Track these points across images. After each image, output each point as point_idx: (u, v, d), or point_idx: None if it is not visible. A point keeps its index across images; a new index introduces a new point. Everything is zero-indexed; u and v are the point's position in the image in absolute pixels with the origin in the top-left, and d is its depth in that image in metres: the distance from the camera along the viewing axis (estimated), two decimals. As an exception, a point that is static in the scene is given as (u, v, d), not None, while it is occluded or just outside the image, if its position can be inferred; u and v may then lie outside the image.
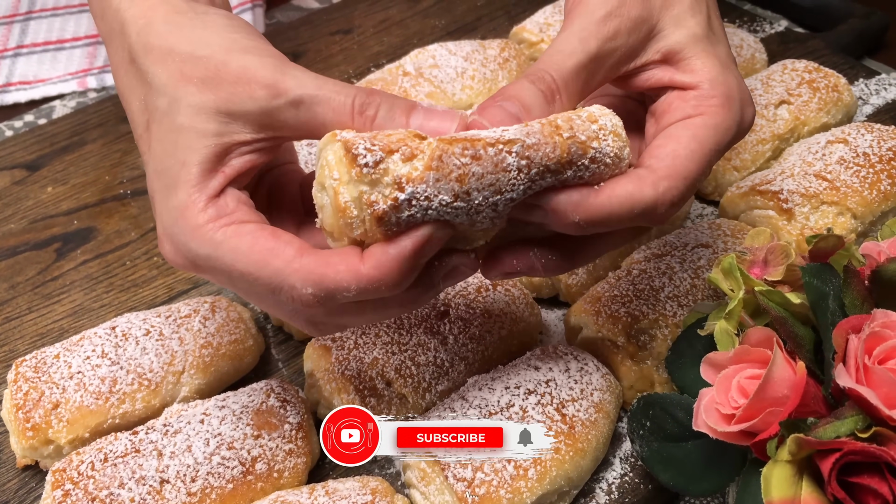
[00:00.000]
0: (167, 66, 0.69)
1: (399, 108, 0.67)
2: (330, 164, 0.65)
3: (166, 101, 0.69)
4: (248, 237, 0.66)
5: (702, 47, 0.75)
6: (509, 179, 0.64)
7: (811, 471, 0.67)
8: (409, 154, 0.63)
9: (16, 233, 1.16)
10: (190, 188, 0.68)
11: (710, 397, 0.72)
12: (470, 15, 1.50)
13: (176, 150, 0.69)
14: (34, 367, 0.91)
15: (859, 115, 1.26)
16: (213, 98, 0.67)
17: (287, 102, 0.67)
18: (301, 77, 0.67)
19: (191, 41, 0.70)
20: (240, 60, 0.68)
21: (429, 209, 0.64)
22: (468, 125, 0.67)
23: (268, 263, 0.65)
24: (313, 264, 0.65)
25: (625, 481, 0.89)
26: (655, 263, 0.98)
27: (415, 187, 0.63)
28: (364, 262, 0.64)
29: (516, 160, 0.64)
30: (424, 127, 0.66)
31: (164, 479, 0.82)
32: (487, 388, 0.87)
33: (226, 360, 0.94)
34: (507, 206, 0.66)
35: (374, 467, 0.91)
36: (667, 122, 0.74)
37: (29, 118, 1.34)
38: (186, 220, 0.68)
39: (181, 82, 0.68)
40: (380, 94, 0.67)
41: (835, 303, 0.72)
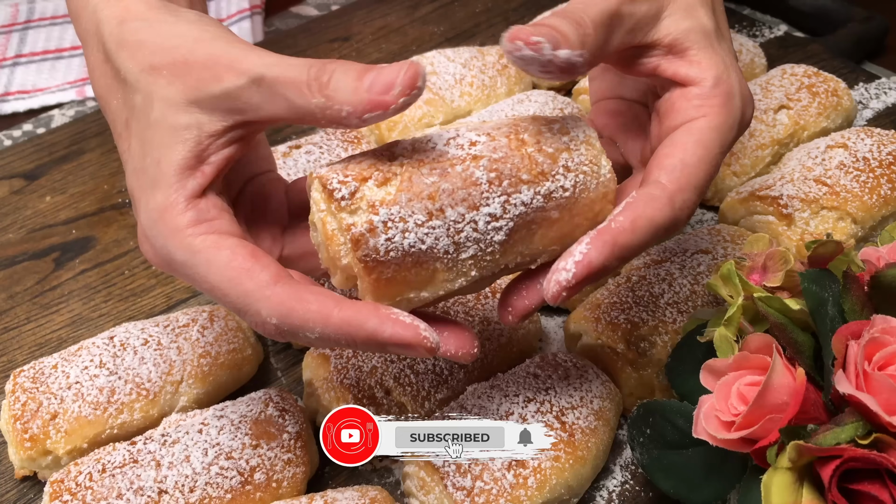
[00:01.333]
0: (138, 59, 0.69)
1: (352, 70, 0.65)
2: (316, 201, 0.67)
3: (140, 97, 0.69)
4: (227, 252, 0.66)
5: (708, 42, 0.75)
6: (482, 192, 0.66)
7: (811, 478, 0.66)
8: (381, 179, 0.65)
9: (14, 242, 1.16)
10: (168, 189, 0.68)
11: (710, 404, 0.72)
12: (468, 22, 1.50)
13: (152, 148, 0.69)
14: (32, 378, 0.90)
15: (859, 119, 1.26)
16: (182, 87, 0.67)
17: (249, 81, 0.66)
18: (263, 56, 0.67)
19: (161, 33, 0.70)
20: (207, 47, 0.68)
21: (406, 231, 0.64)
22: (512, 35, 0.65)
23: (240, 283, 0.65)
24: (284, 295, 0.65)
25: (625, 489, 0.88)
26: (655, 270, 0.97)
27: (389, 209, 0.64)
28: (340, 311, 0.64)
29: (485, 173, 0.66)
30: (375, 82, 0.64)
31: (163, 489, 0.81)
32: (486, 396, 0.87)
33: (224, 369, 0.94)
34: (488, 224, 0.66)
35: (374, 476, 0.90)
36: (671, 124, 0.74)
37: (27, 127, 1.34)
38: (165, 222, 0.67)
39: (152, 75, 0.68)
40: (334, 61, 0.66)
41: (834, 309, 0.72)
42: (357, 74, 0.65)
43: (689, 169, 0.70)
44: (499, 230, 0.67)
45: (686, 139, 0.72)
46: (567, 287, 0.67)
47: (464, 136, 0.69)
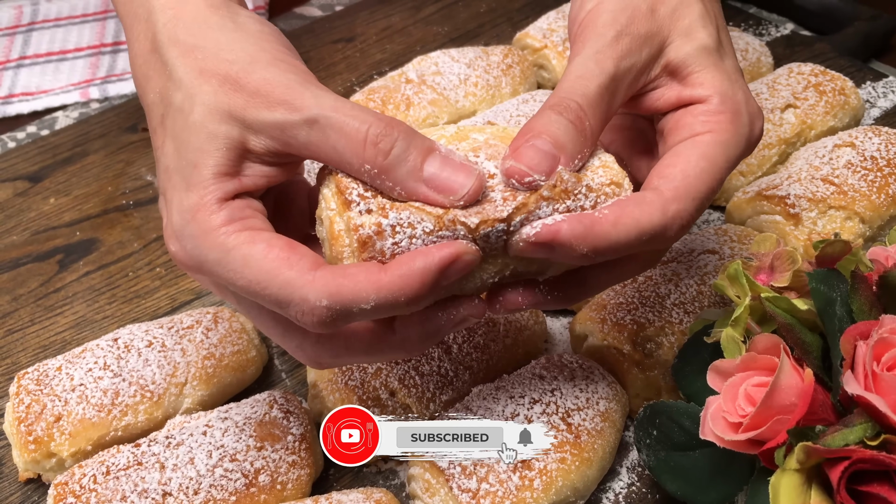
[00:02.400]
0: (189, 62, 0.68)
1: (416, 149, 0.64)
2: (327, 198, 0.67)
3: (181, 96, 0.68)
4: (262, 245, 0.64)
5: (711, 60, 0.74)
6: (496, 207, 0.64)
7: (820, 479, 0.66)
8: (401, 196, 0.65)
9: (18, 245, 1.16)
10: (202, 190, 0.66)
11: (717, 405, 0.71)
12: (472, 22, 1.50)
13: (188, 150, 0.67)
14: (36, 380, 0.90)
15: (867, 118, 1.26)
16: (229, 101, 0.66)
17: (302, 120, 0.65)
18: (320, 96, 0.65)
19: (218, 42, 0.69)
20: (262, 72, 0.67)
21: (413, 237, 0.63)
22: (506, 171, 0.66)
23: (280, 273, 0.63)
24: (330, 275, 0.63)
25: (632, 491, 0.88)
26: (661, 270, 0.97)
27: (399, 213, 0.63)
28: (387, 271, 0.62)
29: (499, 194, 0.65)
30: (437, 178, 0.64)
31: (167, 491, 0.81)
32: (492, 397, 0.87)
33: (228, 371, 0.94)
34: (499, 238, 0.65)
35: (379, 478, 0.90)
36: (676, 139, 0.73)
37: (31, 129, 1.34)
38: (198, 222, 0.66)
39: (200, 78, 0.67)
40: (399, 126, 0.65)
41: (842, 309, 0.71)
42: (420, 153, 0.64)
43: (689, 180, 0.69)
44: (519, 249, 0.66)
45: (690, 151, 0.71)
46: (526, 241, 0.65)
47: (484, 167, 0.67)
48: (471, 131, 0.70)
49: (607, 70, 0.70)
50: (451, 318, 0.68)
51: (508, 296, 0.71)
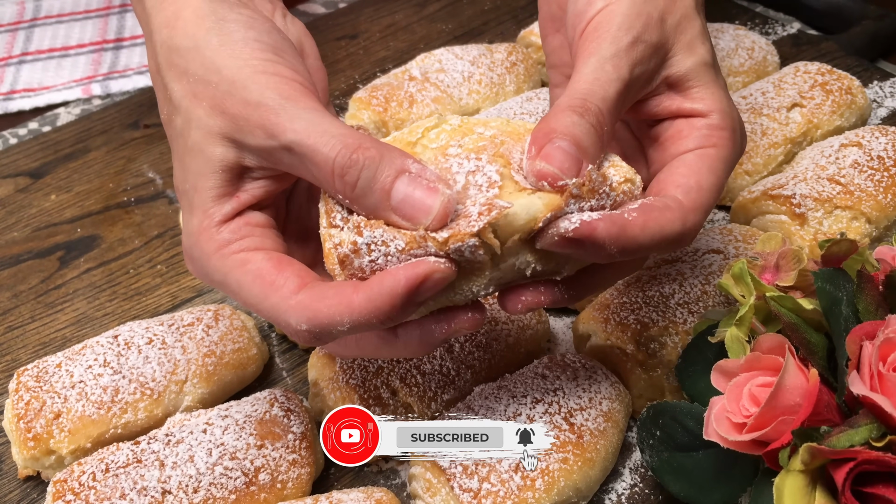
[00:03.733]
0: (183, 84, 0.70)
1: (382, 176, 0.64)
2: (321, 214, 0.68)
3: (181, 120, 0.70)
4: (254, 268, 0.67)
5: (711, 76, 0.76)
6: (469, 221, 0.63)
7: (824, 480, 0.66)
8: None
9: (19, 241, 1.16)
10: (202, 214, 0.69)
11: (721, 406, 0.71)
12: (477, 19, 1.50)
13: (189, 174, 0.70)
14: (36, 377, 0.90)
15: (873, 118, 1.25)
16: (220, 123, 0.68)
17: (279, 147, 0.66)
18: (295, 118, 0.66)
19: (204, 63, 0.69)
20: (242, 93, 0.67)
21: (388, 255, 0.63)
22: (537, 173, 0.65)
23: (267, 298, 0.66)
24: (308, 300, 0.65)
25: (634, 492, 0.87)
26: (665, 270, 0.96)
27: (372, 231, 0.63)
28: (358, 293, 0.63)
29: (476, 208, 0.64)
30: (404, 206, 0.63)
31: (166, 489, 0.81)
32: (494, 396, 0.86)
33: (229, 369, 0.93)
34: (474, 251, 0.64)
35: (380, 478, 0.90)
36: (679, 150, 0.74)
37: (33, 126, 1.34)
38: (201, 245, 0.69)
39: (193, 102, 0.69)
40: (366, 151, 0.64)
41: (848, 308, 0.71)
42: (388, 181, 0.64)
43: (703, 192, 0.71)
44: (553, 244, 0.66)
45: (700, 164, 0.72)
46: (563, 236, 0.64)
47: (484, 173, 0.66)
48: (475, 125, 0.69)
49: (624, 76, 0.71)
50: (444, 331, 0.68)
51: (528, 295, 0.70)
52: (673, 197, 0.70)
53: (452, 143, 0.67)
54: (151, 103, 1.34)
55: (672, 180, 0.72)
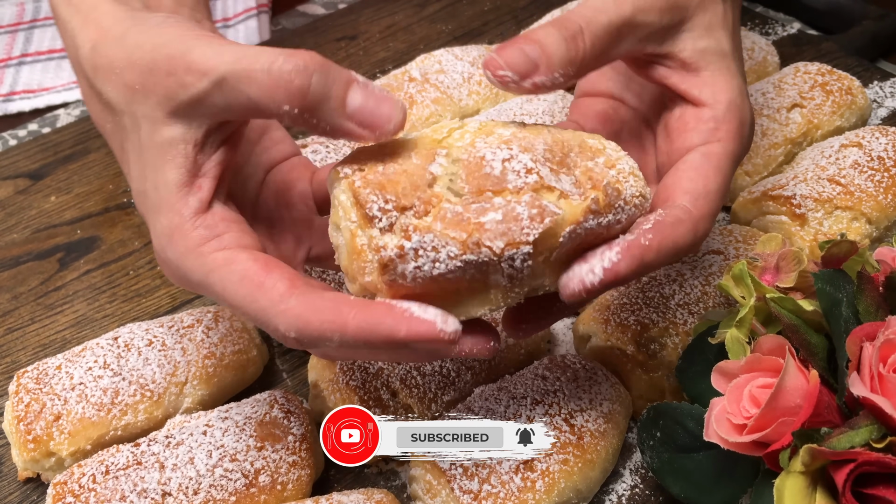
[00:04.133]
0: (114, 82, 0.68)
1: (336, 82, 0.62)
2: (345, 206, 0.64)
3: (127, 119, 0.68)
4: (240, 268, 0.65)
5: (725, 64, 0.75)
6: (522, 228, 0.62)
7: (825, 482, 0.66)
8: (422, 211, 0.62)
9: (19, 242, 1.15)
10: (169, 211, 0.66)
11: (721, 407, 0.71)
12: (477, 20, 1.49)
13: (147, 171, 0.67)
14: (36, 379, 0.90)
15: (874, 118, 1.25)
16: (156, 100, 0.65)
17: (210, 84, 0.63)
18: (221, 51, 0.63)
19: (126, 49, 0.67)
20: (167, 50, 0.64)
21: (436, 261, 0.62)
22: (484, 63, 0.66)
23: (255, 300, 0.64)
24: (300, 308, 0.63)
25: (635, 493, 0.87)
26: (665, 270, 0.96)
27: (422, 236, 0.61)
28: (355, 316, 0.62)
29: (526, 209, 0.63)
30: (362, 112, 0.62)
31: (166, 491, 0.81)
32: (494, 398, 0.86)
33: (229, 370, 0.93)
34: (524, 262, 0.63)
35: (380, 479, 0.90)
36: (684, 144, 0.73)
37: (33, 127, 1.33)
38: (176, 244, 0.66)
39: (129, 94, 0.67)
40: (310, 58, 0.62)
41: (848, 310, 0.71)
42: (342, 87, 0.62)
43: (711, 196, 0.71)
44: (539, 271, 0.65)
45: (706, 165, 0.72)
46: (588, 289, 0.65)
47: (519, 160, 0.64)
48: (495, 126, 0.68)
49: (623, 12, 0.70)
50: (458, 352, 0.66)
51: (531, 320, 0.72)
52: (683, 207, 0.69)
53: (478, 141, 0.65)
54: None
55: (680, 186, 0.71)
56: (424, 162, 0.64)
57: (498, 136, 0.66)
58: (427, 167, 0.63)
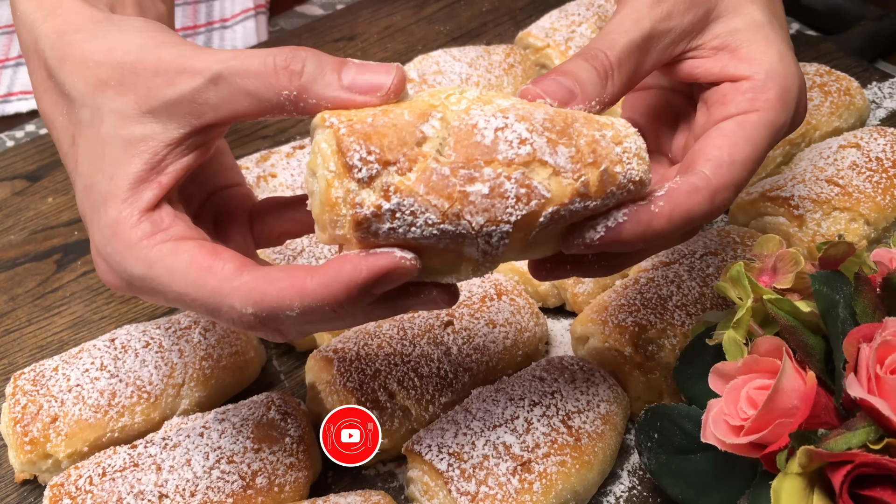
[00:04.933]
0: (83, 74, 0.67)
1: (329, 63, 0.62)
2: (324, 154, 0.61)
3: (88, 111, 0.67)
4: (186, 255, 0.64)
5: (762, 34, 0.74)
6: (505, 207, 0.61)
7: (822, 483, 0.66)
8: (406, 167, 0.60)
9: (16, 244, 1.15)
10: (120, 203, 0.65)
11: (719, 408, 0.71)
12: (475, 21, 1.49)
13: (104, 163, 0.66)
14: (32, 381, 0.90)
15: (872, 119, 1.25)
16: (134, 98, 0.65)
17: (205, 81, 0.63)
18: (216, 53, 0.64)
19: (105, 45, 0.67)
20: (155, 53, 0.65)
21: (412, 225, 0.60)
22: (521, 92, 0.66)
23: (205, 283, 0.63)
24: (254, 282, 0.62)
25: (633, 495, 0.87)
26: (663, 272, 0.96)
27: (401, 199, 0.59)
28: (313, 277, 0.61)
29: (514, 187, 0.61)
30: (358, 82, 0.62)
31: (163, 493, 0.81)
32: (492, 399, 0.86)
33: (226, 372, 0.93)
34: (501, 240, 0.62)
35: (378, 481, 0.90)
36: (720, 115, 0.72)
37: (30, 128, 1.33)
38: (119, 238, 0.65)
39: (99, 89, 0.66)
40: (304, 48, 0.63)
41: (845, 311, 0.71)
42: (333, 66, 0.62)
43: (736, 167, 0.69)
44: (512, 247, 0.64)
45: (737, 133, 0.70)
46: (588, 244, 0.64)
47: (513, 130, 0.62)
48: (494, 97, 0.65)
49: (643, 28, 0.71)
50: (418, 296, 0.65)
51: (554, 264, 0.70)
52: (701, 174, 0.68)
53: (474, 108, 0.63)
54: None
55: (703, 152, 0.69)
56: (417, 120, 0.61)
57: (496, 105, 0.64)
58: (419, 125, 0.61)
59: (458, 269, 0.65)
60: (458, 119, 0.62)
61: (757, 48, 0.73)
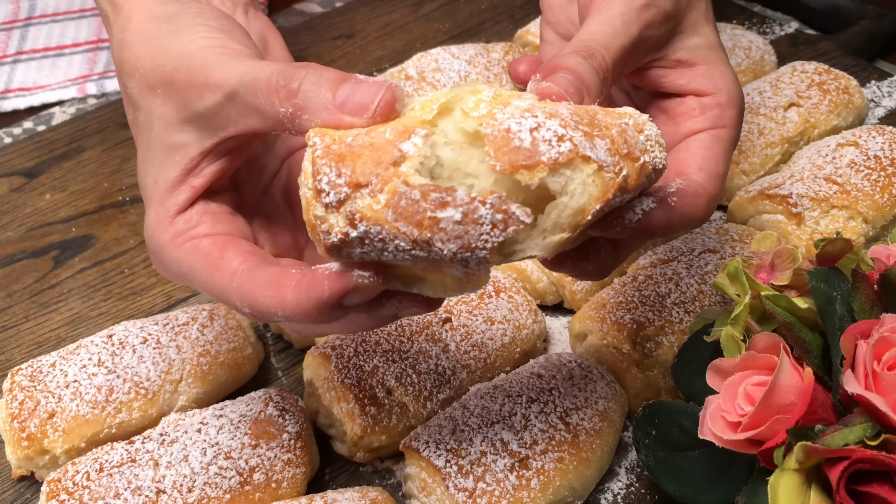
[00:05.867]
0: (137, 79, 0.70)
1: (327, 80, 0.62)
2: (306, 172, 0.60)
3: (142, 115, 0.70)
4: (201, 254, 0.67)
5: (718, 56, 0.77)
6: (479, 234, 0.57)
7: (819, 479, 0.66)
8: (378, 189, 0.57)
9: (13, 241, 1.15)
10: (157, 206, 0.69)
11: (716, 405, 0.71)
12: (474, 19, 1.49)
13: (150, 166, 0.70)
14: (30, 376, 0.89)
15: (871, 118, 1.24)
16: (174, 106, 0.67)
17: (224, 97, 0.65)
18: (236, 66, 0.65)
19: (152, 51, 0.69)
20: (189, 62, 0.67)
21: (384, 250, 0.58)
22: (541, 91, 0.64)
23: (214, 281, 0.66)
24: (247, 285, 0.64)
25: (630, 492, 0.87)
26: (661, 269, 0.96)
27: (368, 227, 0.57)
28: (291, 290, 0.62)
29: (490, 212, 0.56)
30: (349, 101, 0.61)
31: (161, 489, 0.80)
32: (489, 396, 0.86)
33: (224, 368, 0.93)
34: (480, 263, 0.58)
35: (375, 478, 0.89)
36: (691, 128, 0.75)
37: (28, 125, 1.33)
38: (156, 238, 0.69)
39: (149, 94, 0.69)
40: (308, 65, 0.63)
41: (843, 307, 0.71)
42: (330, 85, 0.62)
43: (721, 178, 0.73)
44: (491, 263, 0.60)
45: (717, 148, 0.74)
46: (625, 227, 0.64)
47: (547, 128, 0.58)
48: (511, 97, 0.62)
49: (632, 34, 0.71)
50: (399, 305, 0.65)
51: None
52: (700, 183, 0.71)
53: (496, 111, 0.59)
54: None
55: (694, 162, 0.73)
56: (397, 138, 0.58)
57: (516, 106, 0.60)
58: (398, 144, 0.58)
59: (445, 284, 0.63)
60: (487, 126, 0.59)
61: (717, 68, 0.76)
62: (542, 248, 0.61)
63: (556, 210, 0.59)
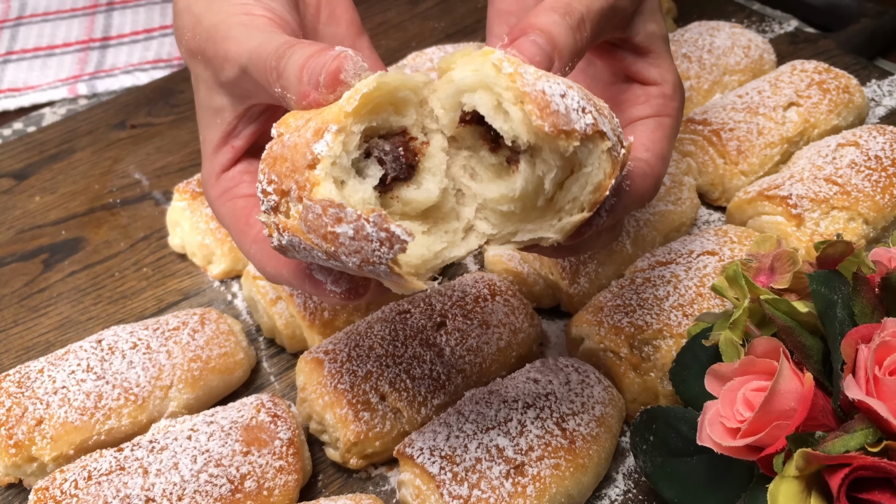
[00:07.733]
0: (183, 44, 0.75)
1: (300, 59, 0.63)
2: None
3: (193, 78, 0.76)
4: (234, 216, 0.74)
5: (666, 47, 0.79)
6: (373, 250, 0.57)
7: (820, 486, 0.65)
8: (297, 197, 0.58)
9: (2, 243, 1.15)
10: (207, 163, 0.76)
11: (715, 410, 0.71)
12: (470, 17, 1.49)
13: (202, 126, 0.77)
14: (17, 382, 0.89)
15: (871, 117, 1.24)
16: (211, 72, 0.72)
17: (239, 72, 0.69)
18: (249, 41, 0.68)
19: (191, 20, 0.74)
20: (216, 32, 0.71)
21: (315, 258, 0.60)
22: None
23: (241, 242, 0.73)
24: (259, 256, 0.71)
25: (628, 498, 0.86)
26: (659, 272, 0.95)
27: (291, 237, 0.59)
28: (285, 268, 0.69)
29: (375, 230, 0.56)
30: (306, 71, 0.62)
31: (150, 497, 0.80)
32: (485, 401, 0.85)
33: (215, 373, 0.92)
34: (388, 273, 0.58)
35: (368, 485, 0.89)
36: (634, 115, 0.78)
37: (18, 126, 1.33)
38: (208, 194, 0.77)
39: (192, 60, 0.74)
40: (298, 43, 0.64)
41: (843, 311, 0.70)
42: (302, 62, 0.63)
43: (665, 161, 0.76)
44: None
45: (660, 132, 0.76)
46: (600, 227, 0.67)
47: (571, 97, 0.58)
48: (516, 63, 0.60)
49: None
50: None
51: None
52: (647, 161, 0.73)
53: (522, 69, 0.59)
54: (138, 103, 1.34)
55: (640, 143, 0.75)
56: (312, 138, 0.58)
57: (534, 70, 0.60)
58: (311, 145, 0.58)
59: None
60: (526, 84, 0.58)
61: (665, 60, 0.79)
62: (557, 230, 0.62)
63: (577, 184, 0.60)
